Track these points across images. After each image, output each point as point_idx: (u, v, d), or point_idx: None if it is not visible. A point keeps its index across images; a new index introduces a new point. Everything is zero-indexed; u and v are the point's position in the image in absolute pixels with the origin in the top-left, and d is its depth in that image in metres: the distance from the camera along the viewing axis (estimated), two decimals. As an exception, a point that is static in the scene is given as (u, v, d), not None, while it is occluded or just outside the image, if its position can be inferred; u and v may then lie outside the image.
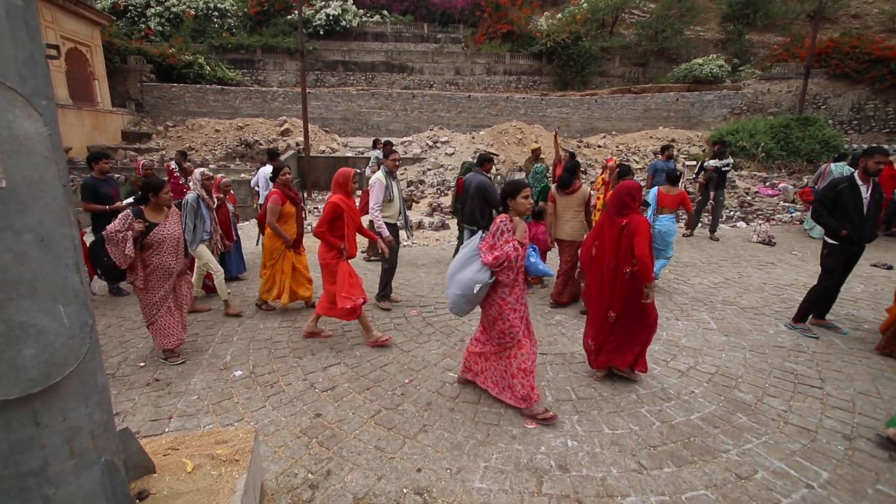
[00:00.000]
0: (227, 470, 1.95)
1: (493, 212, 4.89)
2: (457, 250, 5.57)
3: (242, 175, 11.28)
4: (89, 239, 4.64)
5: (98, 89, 14.36)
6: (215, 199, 4.98)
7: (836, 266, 4.15)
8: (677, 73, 18.51)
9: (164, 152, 13.56)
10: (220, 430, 2.24)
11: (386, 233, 4.42)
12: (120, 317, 4.59)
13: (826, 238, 4.20)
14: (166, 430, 2.81)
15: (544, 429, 2.81)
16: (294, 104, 16.38)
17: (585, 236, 4.12)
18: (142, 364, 3.64)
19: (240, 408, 3.05)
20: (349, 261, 3.95)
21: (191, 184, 4.64)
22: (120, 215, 3.37)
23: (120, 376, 3.45)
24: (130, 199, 4.72)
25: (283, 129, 15.11)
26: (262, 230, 4.84)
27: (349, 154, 14.34)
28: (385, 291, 4.86)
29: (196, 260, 4.69)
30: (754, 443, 2.69)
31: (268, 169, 7.09)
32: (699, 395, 3.22)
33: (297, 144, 13.97)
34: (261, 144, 14.23)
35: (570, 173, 4.83)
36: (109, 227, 3.29)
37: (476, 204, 4.94)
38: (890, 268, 6.42)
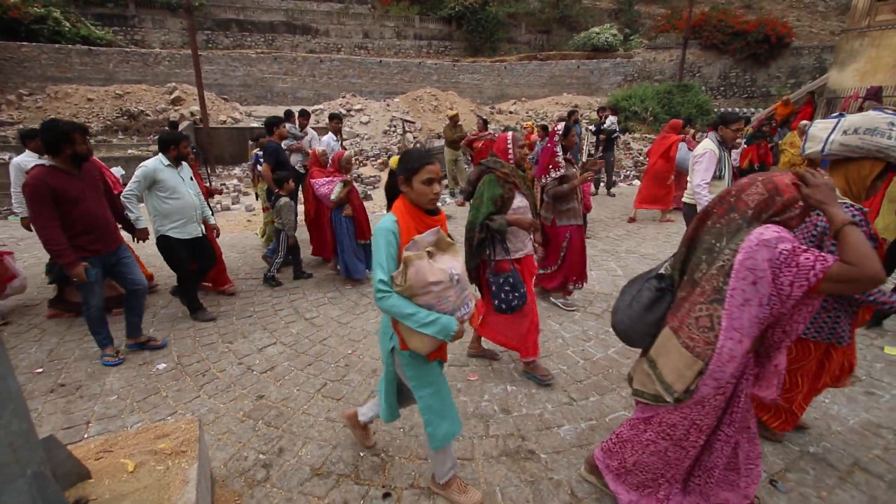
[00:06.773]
0: (175, 462, 1.87)
1: None
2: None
3: (130, 151, 9.92)
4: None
5: (-88, 48, 11.48)
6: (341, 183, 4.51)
7: None
8: (578, 40, 19.48)
9: (21, 126, 11.38)
10: (159, 424, 2.11)
11: None
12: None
13: None
14: (86, 436, 2.56)
15: (486, 379, 3.03)
16: (183, 69, 14.53)
17: None
18: (39, 370, 3.22)
19: (170, 401, 2.86)
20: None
21: None
22: None
23: (13, 387, 3.02)
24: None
25: (173, 97, 13.40)
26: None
27: (254, 124, 13.20)
28: None
29: None
30: (658, 368, 3.17)
31: (328, 137, 6.22)
32: (613, 333, 3.66)
33: (193, 114, 12.53)
34: (147, 115, 12.55)
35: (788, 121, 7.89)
36: None
37: None
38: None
